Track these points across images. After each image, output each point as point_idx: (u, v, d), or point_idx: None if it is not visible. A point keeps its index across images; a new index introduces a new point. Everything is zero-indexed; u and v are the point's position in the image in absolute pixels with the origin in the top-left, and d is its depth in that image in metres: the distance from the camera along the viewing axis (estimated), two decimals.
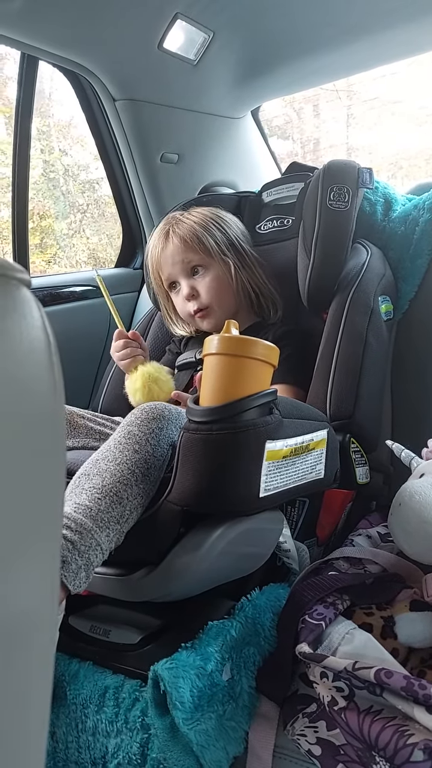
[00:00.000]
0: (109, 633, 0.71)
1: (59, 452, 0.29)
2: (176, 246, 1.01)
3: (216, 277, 1.02)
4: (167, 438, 0.68)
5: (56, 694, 0.67)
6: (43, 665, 0.28)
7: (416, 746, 0.49)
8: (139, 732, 0.61)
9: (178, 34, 1.23)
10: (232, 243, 1.05)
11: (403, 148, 3.43)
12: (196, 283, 1.02)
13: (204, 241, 1.01)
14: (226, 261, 1.03)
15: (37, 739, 0.28)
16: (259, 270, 1.06)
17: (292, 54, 1.37)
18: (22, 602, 0.25)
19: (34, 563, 0.26)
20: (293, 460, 0.68)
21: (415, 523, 0.66)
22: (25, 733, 0.27)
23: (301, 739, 0.58)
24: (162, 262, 1.04)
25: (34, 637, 0.27)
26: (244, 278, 1.04)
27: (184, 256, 1.01)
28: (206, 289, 1.01)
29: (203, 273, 1.02)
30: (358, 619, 0.66)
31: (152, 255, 1.06)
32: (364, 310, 0.93)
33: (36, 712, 0.28)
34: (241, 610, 0.69)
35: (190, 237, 1.01)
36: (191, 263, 1.02)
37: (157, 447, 0.67)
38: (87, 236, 3.52)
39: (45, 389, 0.27)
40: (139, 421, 0.68)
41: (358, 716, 0.54)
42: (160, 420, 0.68)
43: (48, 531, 0.28)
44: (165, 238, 1.03)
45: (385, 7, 1.18)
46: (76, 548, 0.57)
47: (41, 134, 3.18)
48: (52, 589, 0.28)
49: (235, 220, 1.10)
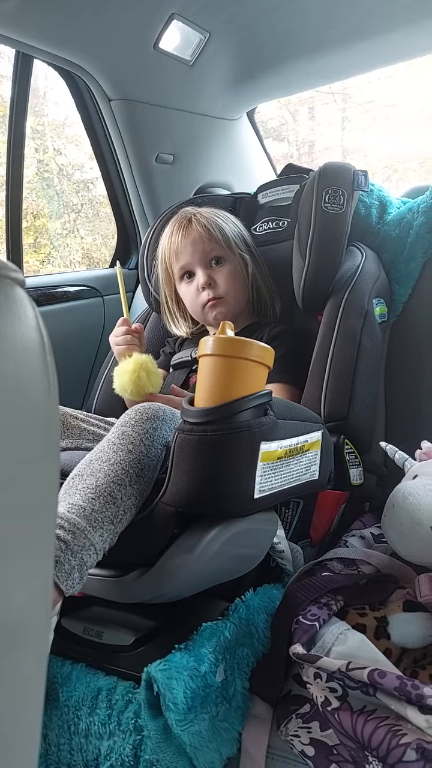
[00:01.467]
0: (102, 634, 0.70)
1: (53, 453, 0.29)
2: (199, 233, 1.01)
3: (234, 270, 1.03)
4: (161, 438, 0.68)
5: (49, 696, 0.67)
6: (36, 667, 0.28)
7: (409, 746, 0.49)
8: (132, 734, 0.61)
9: (174, 35, 1.23)
10: (245, 240, 1.06)
11: (398, 151, 3.45)
12: (214, 273, 1.02)
13: (226, 232, 1.02)
14: (244, 256, 1.04)
15: (30, 741, 0.28)
16: (266, 270, 1.07)
17: (288, 56, 1.37)
18: (14, 603, 0.25)
19: (27, 564, 0.26)
20: (288, 461, 0.68)
21: (408, 524, 0.67)
22: (18, 736, 0.27)
23: (295, 740, 0.58)
24: (181, 250, 1.03)
25: (26, 639, 0.26)
26: (257, 275, 1.05)
27: (206, 245, 1.01)
28: (224, 280, 1.02)
29: (222, 265, 1.02)
30: (351, 620, 0.66)
31: (169, 242, 1.05)
32: (358, 313, 0.93)
33: (29, 714, 0.27)
34: (234, 611, 0.69)
35: (213, 227, 1.01)
36: (212, 253, 1.02)
37: (151, 447, 0.66)
38: (81, 236, 3.51)
39: (39, 389, 0.27)
40: (133, 422, 0.68)
41: (351, 716, 0.54)
42: (154, 420, 0.68)
43: (41, 532, 0.28)
44: (188, 224, 1.03)
45: (381, 11, 1.18)
46: (69, 548, 0.57)
47: (36, 133, 3.17)
48: (45, 591, 0.28)
49: (240, 222, 1.11)
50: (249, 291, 1.05)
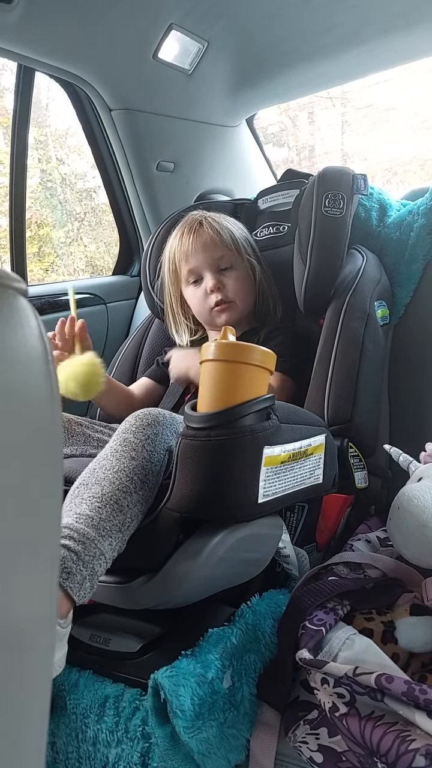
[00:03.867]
0: (109, 642, 0.70)
1: (57, 460, 0.29)
2: (211, 237, 1.01)
3: (242, 276, 1.03)
4: (163, 443, 0.68)
5: (56, 704, 0.67)
6: (42, 674, 0.28)
7: (418, 752, 0.49)
8: (139, 741, 0.61)
9: (173, 45, 1.25)
10: (252, 246, 1.07)
11: (398, 154, 3.46)
12: (223, 277, 1.02)
13: (237, 238, 1.03)
14: (252, 261, 1.05)
15: (37, 749, 0.28)
16: (270, 275, 1.08)
17: (287, 63, 1.38)
18: (21, 611, 0.25)
19: (32, 571, 0.26)
20: (291, 465, 0.68)
21: (413, 527, 0.66)
22: (25, 743, 0.27)
23: (303, 746, 0.58)
24: (191, 252, 1.02)
25: (33, 646, 0.27)
26: (263, 281, 1.06)
27: (217, 248, 1.01)
28: (233, 285, 1.02)
29: (231, 270, 1.03)
30: (358, 625, 0.65)
31: (180, 243, 1.04)
32: (360, 316, 0.93)
33: (35, 722, 0.28)
34: (241, 617, 0.69)
35: (224, 231, 1.02)
36: (222, 257, 1.02)
37: (154, 453, 0.67)
38: (84, 244, 3.53)
39: (42, 397, 0.27)
40: (134, 428, 0.68)
41: (359, 722, 0.54)
42: (155, 426, 0.68)
43: (46, 540, 0.28)
44: (199, 227, 1.03)
45: (377, 17, 1.19)
46: (81, 559, 0.57)
47: (38, 144, 3.20)
48: (50, 597, 0.28)
49: (244, 227, 1.11)
50: (255, 296, 1.06)
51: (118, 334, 1.52)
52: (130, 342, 1.25)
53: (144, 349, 1.23)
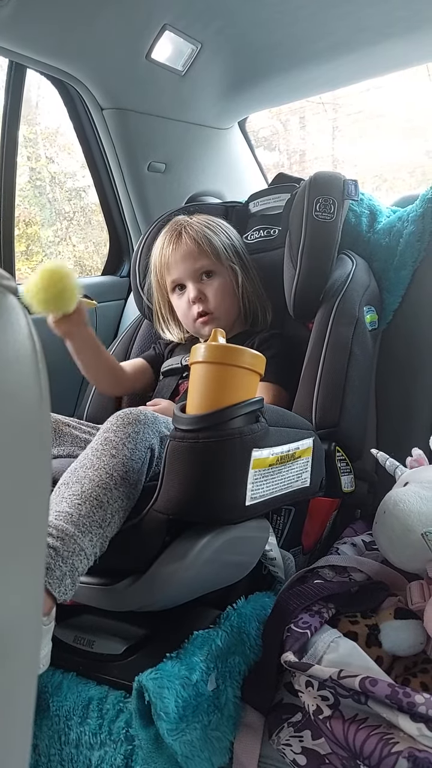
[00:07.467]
0: (93, 643, 0.70)
1: (44, 460, 0.29)
2: (189, 247, 1.01)
3: (223, 284, 1.02)
4: (144, 441, 0.68)
5: (39, 706, 0.66)
6: (26, 676, 0.28)
7: (401, 754, 0.49)
8: (123, 744, 0.60)
9: (166, 45, 1.25)
10: (236, 251, 1.06)
11: (388, 161, 3.49)
12: (204, 287, 1.02)
13: (216, 246, 1.02)
14: (234, 268, 1.04)
15: (20, 751, 0.28)
16: (257, 279, 1.07)
17: (280, 67, 1.39)
18: (6, 612, 0.25)
19: (17, 573, 0.26)
20: (279, 468, 0.69)
21: (399, 531, 0.67)
22: (8, 746, 0.26)
23: (287, 749, 0.58)
24: (171, 264, 1.03)
25: (17, 647, 0.26)
26: (247, 286, 1.05)
27: (196, 259, 1.01)
28: (214, 294, 1.01)
29: (212, 278, 1.02)
30: (343, 628, 0.66)
31: (160, 255, 1.05)
32: (349, 321, 0.94)
33: (19, 724, 0.27)
34: (226, 620, 0.69)
35: (203, 240, 1.01)
36: (202, 267, 1.01)
37: (135, 450, 0.67)
38: (73, 244, 3.51)
39: (31, 397, 0.27)
40: (114, 427, 0.68)
41: (343, 725, 0.54)
42: (136, 424, 0.68)
43: (31, 540, 0.28)
44: (177, 238, 1.03)
45: (371, 24, 1.20)
46: (59, 554, 0.56)
47: (28, 142, 3.17)
48: (35, 600, 0.28)
49: (233, 228, 1.11)
50: (239, 302, 1.06)
51: (107, 334, 1.52)
52: (119, 342, 1.25)
53: (133, 350, 1.23)
